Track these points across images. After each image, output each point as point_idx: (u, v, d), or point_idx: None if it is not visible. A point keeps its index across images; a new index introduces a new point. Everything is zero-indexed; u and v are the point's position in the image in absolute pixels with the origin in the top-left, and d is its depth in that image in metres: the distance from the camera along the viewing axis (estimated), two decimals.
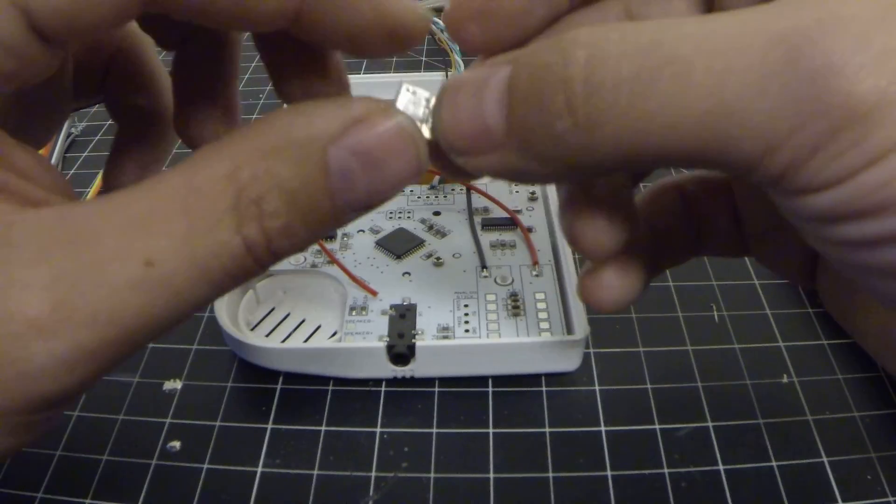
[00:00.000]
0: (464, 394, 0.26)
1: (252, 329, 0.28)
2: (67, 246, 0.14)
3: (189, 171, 0.14)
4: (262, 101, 0.44)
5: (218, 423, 0.25)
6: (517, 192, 0.33)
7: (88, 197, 0.35)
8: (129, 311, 0.14)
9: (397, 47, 0.16)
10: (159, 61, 0.21)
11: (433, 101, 0.16)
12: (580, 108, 0.14)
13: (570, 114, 0.14)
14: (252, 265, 0.14)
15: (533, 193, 0.33)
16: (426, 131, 0.15)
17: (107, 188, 0.21)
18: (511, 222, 0.31)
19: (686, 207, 0.21)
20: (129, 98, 0.21)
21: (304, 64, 0.17)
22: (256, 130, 0.14)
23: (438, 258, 0.30)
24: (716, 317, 0.29)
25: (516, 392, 0.26)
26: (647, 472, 0.23)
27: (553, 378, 0.26)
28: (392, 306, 0.27)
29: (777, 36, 0.12)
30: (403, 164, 0.14)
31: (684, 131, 0.13)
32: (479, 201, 0.33)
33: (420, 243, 0.30)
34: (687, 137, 0.13)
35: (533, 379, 0.26)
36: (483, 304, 0.27)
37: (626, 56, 0.13)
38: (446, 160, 0.16)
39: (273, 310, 0.29)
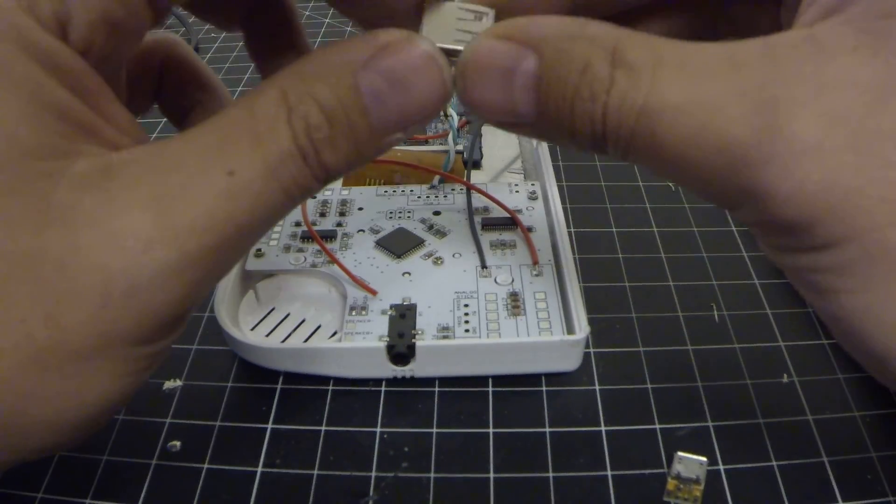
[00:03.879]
0: (464, 394, 0.26)
1: (252, 329, 0.28)
2: (158, 172, 0.15)
3: (246, 102, 0.16)
4: None
5: (218, 423, 0.25)
6: (517, 191, 0.33)
7: None
8: (221, 217, 0.15)
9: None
10: (204, 63, 0.23)
11: (453, 69, 0.17)
12: (602, 134, 0.16)
13: (588, 135, 0.16)
14: (309, 175, 0.16)
15: (533, 193, 0.33)
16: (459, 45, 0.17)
17: None
18: (511, 222, 0.31)
19: None
20: (188, 98, 0.23)
21: (278, 45, 0.21)
22: (299, 63, 0.16)
23: (438, 258, 0.30)
24: (716, 317, 0.29)
25: (516, 392, 0.26)
26: (646, 472, 0.23)
27: (553, 378, 0.26)
28: (392, 306, 0.27)
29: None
30: (429, 84, 0.16)
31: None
32: (479, 201, 0.33)
33: (420, 243, 0.30)
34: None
35: (533, 379, 0.26)
36: (483, 304, 0.27)
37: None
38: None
39: (273, 310, 0.29)
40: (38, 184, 0.15)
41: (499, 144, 0.39)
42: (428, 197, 0.33)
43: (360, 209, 0.32)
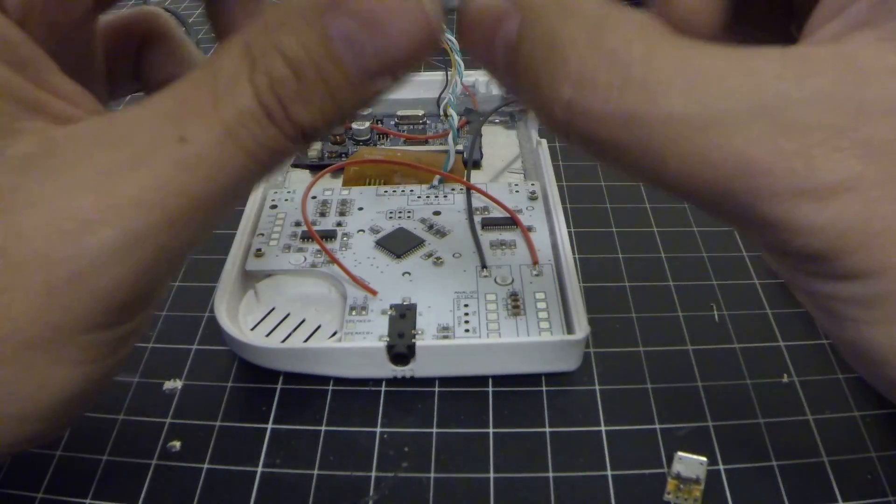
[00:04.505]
0: (464, 394, 0.26)
1: (252, 329, 0.28)
2: (106, 146, 0.14)
3: (209, 62, 0.15)
4: None
5: (218, 423, 0.25)
6: (517, 191, 0.33)
7: None
8: (173, 190, 0.14)
9: None
10: (186, 36, 0.22)
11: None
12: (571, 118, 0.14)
13: (560, 118, 0.14)
14: (278, 134, 0.14)
15: (533, 193, 0.33)
16: None
17: None
18: (511, 222, 0.31)
19: None
20: (169, 76, 0.21)
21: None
22: (265, 14, 0.15)
23: (438, 258, 0.30)
24: (716, 316, 0.29)
25: (516, 392, 0.26)
26: (646, 471, 0.23)
27: (553, 378, 0.26)
28: (392, 306, 0.27)
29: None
30: (408, 21, 0.14)
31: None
32: (479, 201, 0.33)
33: (420, 243, 0.30)
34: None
35: (533, 379, 0.26)
36: (483, 303, 0.27)
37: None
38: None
39: (273, 310, 0.29)
40: None
41: (499, 144, 0.39)
42: (428, 197, 0.33)
43: (360, 209, 0.32)
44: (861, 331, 0.14)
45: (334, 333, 0.27)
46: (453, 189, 0.34)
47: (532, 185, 0.34)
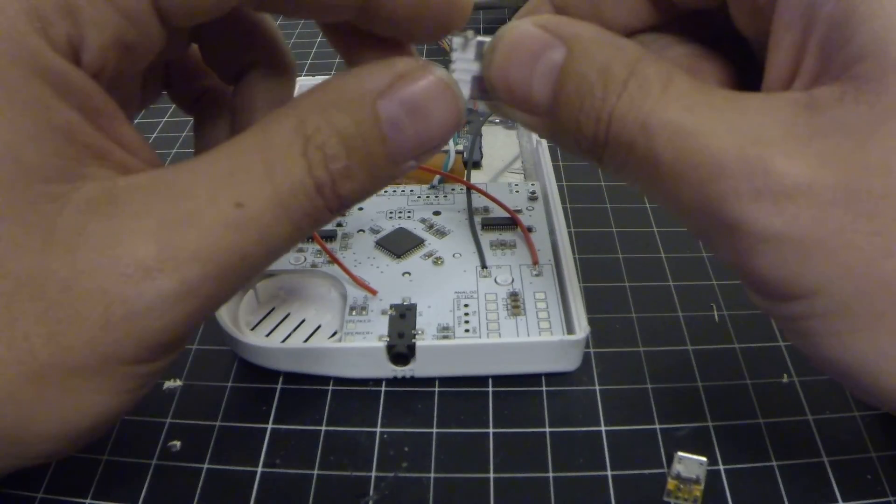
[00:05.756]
0: (464, 394, 0.26)
1: (252, 329, 0.28)
2: (166, 199, 0.15)
3: (262, 129, 0.16)
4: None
5: (218, 423, 0.25)
6: (517, 191, 0.33)
7: None
8: (226, 248, 0.15)
9: (448, 26, 0.18)
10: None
11: (486, 45, 0.18)
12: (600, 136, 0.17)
13: (590, 137, 0.17)
14: (322, 206, 0.16)
15: (533, 193, 0.33)
16: (476, 68, 0.18)
17: None
18: (511, 222, 0.31)
19: None
20: (199, 83, 0.23)
21: (380, 49, 0.20)
22: (316, 91, 0.16)
23: (438, 258, 0.30)
24: (716, 317, 0.29)
25: (516, 392, 0.26)
26: (646, 472, 0.23)
27: (553, 378, 0.26)
28: (392, 306, 0.27)
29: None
30: (445, 111, 0.17)
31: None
32: (479, 201, 0.33)
33: (420, 243, 0.30)
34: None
35: (533, 379, 0.26)
36: (483, 303, 0.27)
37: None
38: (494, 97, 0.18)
39: (273, 310, 0.29)
40: (44, 206, 0.15)
41: (499, 144, 0.39)
42: (428, 197, 0.33)
43: (360, 209, 0.32)
44: (827, 348, 0.16)
45: (334, 333, 0.27)
46: (453, 189, 0.34)
47: (532, 185, 0.34)
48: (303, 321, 0.28)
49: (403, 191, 0.34)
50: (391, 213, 0.32)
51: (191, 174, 0.16)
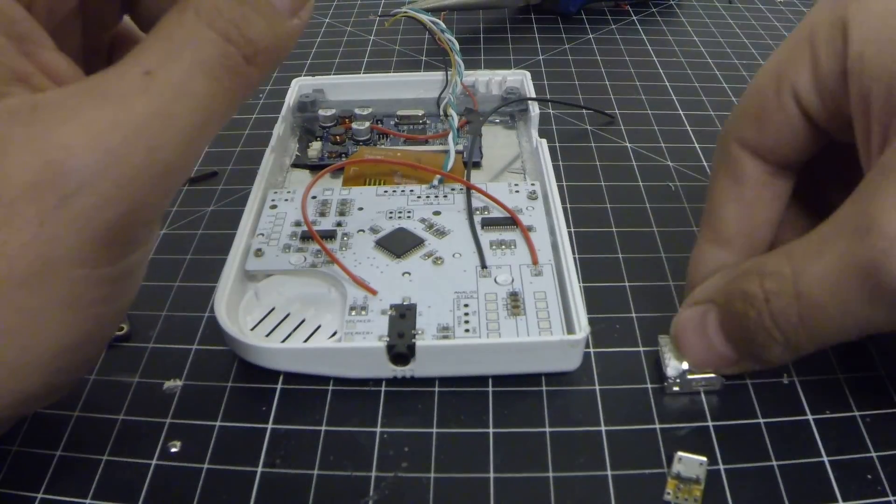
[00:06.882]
0: (464, 394, 0.26)
1: (252, 329, 0.28)
2: (81, 93, 0.16)
3: (158, 26, 0.17)
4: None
5: (218, 423, 0.25)
6: (517, 191, 0.33)
7: None
8: (142, 112, 0.16)
9: None
10: None
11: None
12: (786, 334, 0.20)
13: (780, 342, 0.20)
14: (236, 53, 0.17)
15: (533, 193, 0.33)
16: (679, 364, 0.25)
17: None
18: (511, 221, 0.31)
19: None
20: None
21: None
22: None
23: (438, 258, 0.30)
24: None
25: (516, 392, 0.26)
26: (646, 472, 0.23)
27: (553, 378, 0.26)
28: (392, 306, 0.27)
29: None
30: None
31: None
32: (479, 201, 0.33)
33: (420, 243, 0.30)
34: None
35: (533, 379, 0.26)
36: (483, 303, 0.27)
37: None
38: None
39: (273, 310, 0.29)
40: None
41: (499, 144, 0.39)
42: (428, 197, 0.33)
43: (360, 209, 0.32)
44: None
45: (334, 333, 0.27)
46: (453, 189, 0.34)
47: (532, 185, 0.34)
48: (303, 321, 0.28)
49: (403, 191, 0.34)
50: (391, 212, 0.32)
51: (103, 73, 0.17)
